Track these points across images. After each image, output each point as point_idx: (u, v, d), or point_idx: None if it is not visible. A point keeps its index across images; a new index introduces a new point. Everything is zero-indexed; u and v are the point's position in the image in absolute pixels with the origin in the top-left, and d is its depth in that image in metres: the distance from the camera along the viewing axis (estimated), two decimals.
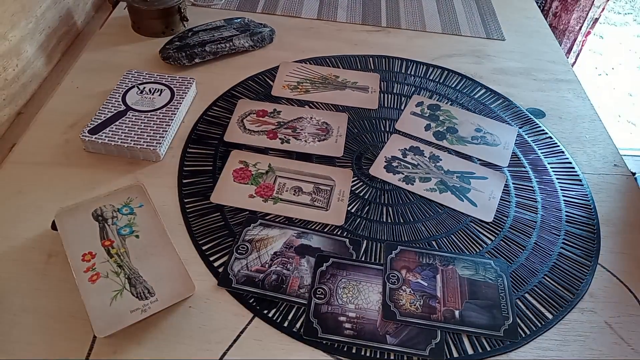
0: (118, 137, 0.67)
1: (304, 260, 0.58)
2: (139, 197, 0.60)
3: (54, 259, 0.56)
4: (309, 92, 0.81)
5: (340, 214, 0.64)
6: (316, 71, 0.86)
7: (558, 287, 0.58)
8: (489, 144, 0.75)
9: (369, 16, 1.01)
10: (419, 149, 0.73)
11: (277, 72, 0.85)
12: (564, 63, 0.93)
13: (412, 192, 0.67)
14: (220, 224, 0.62)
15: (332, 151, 0.72)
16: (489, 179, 0.70)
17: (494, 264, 0.60)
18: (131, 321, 0.49)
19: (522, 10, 1.08)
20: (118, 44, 0.88)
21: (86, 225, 0.56)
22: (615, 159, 0.75)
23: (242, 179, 0.67)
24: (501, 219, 0.65)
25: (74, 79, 0.80)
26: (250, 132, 0.73)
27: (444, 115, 0.79)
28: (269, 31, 0.91)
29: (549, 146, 0.76)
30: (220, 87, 0.81)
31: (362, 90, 0.83)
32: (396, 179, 0.69)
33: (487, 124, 0.78)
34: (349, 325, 0.53)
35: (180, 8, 0.89)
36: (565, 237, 0.64)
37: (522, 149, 0.76)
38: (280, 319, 0.53)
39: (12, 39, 0.75)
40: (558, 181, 0.71)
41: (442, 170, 0.70)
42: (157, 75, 0.78)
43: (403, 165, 0.69)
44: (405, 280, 0.57)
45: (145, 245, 0.55)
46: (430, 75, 0.87)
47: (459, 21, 1.02)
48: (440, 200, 0.67)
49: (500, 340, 0.53)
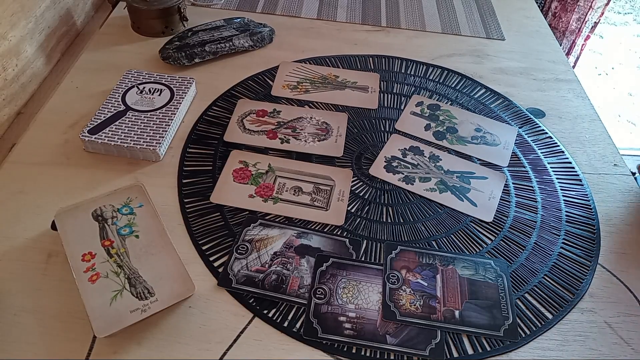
0: (118, 137, 0.67)
1: (304, 260, 0.58)
2: (138, 197, 0.60)
3: (54, 259, 0.56)
4: (308, 92, 0.81)
5: (340, 214, 0.64)
6: (316, 71, 0.86)
7: (558, 287, 0.58)
8: (488, 144, 0.75)
9: (368, 16, 1.01)
10: (419, 148, 0.73)
11: (277, 72, 0.85)
12: (564, 63, 0.93)
13: (412, 192, 0.67)
14: (220, 224, 0.62)
15: (332, 151, 0.72)
16: (489, 179, 0.70)
17: (494, 264, 0.60)
18: (131, 321, 0.49)
19: (522, 10, 1.08)
20: (118, 43, 0.88)
21: (86, 225, 0.56)
22: (615, 159, 0.75)
23: (242, 179, 0.67)
24: (501, 219, 0.65)
25: (73, 78, 0.80)
26: (250, 132, 0.73)
27: (443, 115, 0.79)
28: (268, 31, 0.91)
29: (548, 146, 0.76)
30: (220, 87, 0.81)
31: (362, 90, 0.83)
32: (396, 178, 0.69)
33: (487, 124, 0.78)
34: (349, 325, 0.53)
35: (180, 8, 0.89)
36: (565, 237, 0.64)
37: (522, 148, 0.76)
38: (280, 319, 0.53)
39: (11, 38, 0.75)
40: (558, 181, 0.71)
41: (442, 170, 0.70)
42: (156, 75, 0.78)
43: (403, 165, 0.69)
44: (405, 280, 0.57)
45: (145, 245, 0.55)
46: (430, 75, 0.87)
47: (458, 21, 1.02)
48: (440, 200, 0.67)
49: (500, 340, 0.53)
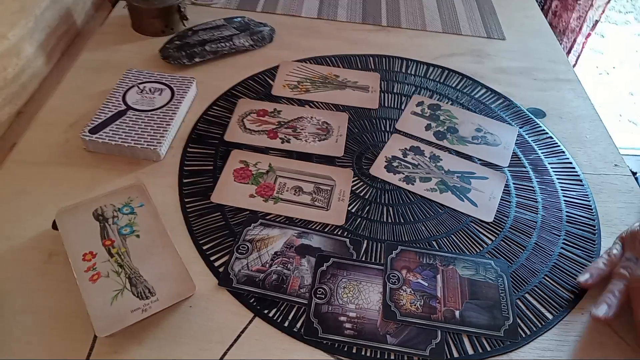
0: (118, 136, 0.67)
1: (305, 260, 0.58)
2: (139, 197, 0.60)
3: (55, 258, 0.56)
4: (309, 92, 0.81)
5: (340, 214, 0.64)
6: (316, 70, 0.86)
7: (558, 287, 0.58)
8: (489, 144, 0.75)
9: (369, 15, 1.01)
10: (419, 148, 0.73)
11: (277, 71, 0.85)
12: (565, 62, 0.92)
13: (413, 192, 0.67)
14: (221, 224, 0.62)
15: (332, 151, 0.72)
16: (490, 179, 0.70)
17: (494, 264, 0.60)
18: (132, 321, 0.49)
19: (523, 9, 1.08)
20: (118, 43, 0.88)
21: (87, 224, 0.56)
22: (615, 159, 0.75)
23: (243, 179, 0.67)
24: (501, 219, 0.65)
25: (74, 78, 0.80)
26: (251, 132, 0.73)
27: (444, 115, 0.79)
28: (269, 30, 0.91)
29: (549, 146, 0.76)
30: (220, 87, 0.81)
31: (362, 89, 0.83)
32: (397, 179, 0.69)
33: (487, 124, 0.78)
34: (349, 325, 0.53)
35: (180, 7, 0.89)
36: (565, 237, 0.64)
37: (522, 149, 0.76)
38: (280, 318, 0.53)
39: (11, 38, 0.75)
40: (558, 181, 0.71)
41: (443, 170, 0.70)
42: (157, 75, 0.78)
43: (404, 165, 0.69)
44: (405, 280, 0.57)
45: (146, 245, 0.55)
46: (430, 74, 0.87)
47: (459, 20, 1.02)
48: (440, 200, 0.67)
49: (501, 341, 0.53)
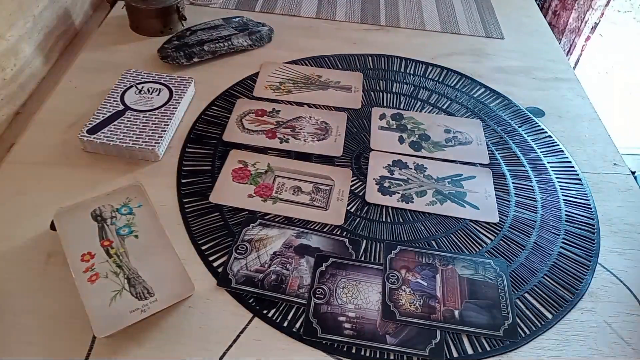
0: (117, 137, 0.67)
1: (304, 260, 0.58)
2: (137, 197, 0.59)
3: (54, 259, 0.56)
4: (291, 93, 0.81)
5: (339, 214, 0.64)
6: (299, 71, 0.85)
7: (558, 287, 0.58)
8: (463, 143, 0.75)
9: (368, 15, 1.01)
10: (402, 161, 0.71)
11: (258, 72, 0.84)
12: (564, 62, 0.92)
13: (415, 211, 0.65)
14: (220, 224, 0.61)
15: (331, 151, 0.72)
16: (478, 177, 0.70)
17: (493, 263, 0.60)
18: (131, 321, 0.49)
19: (522, 9, 1.08)
20: (116, 43, 0.88)
21: (85, 225, 0.56)
22: (614, 158, 0.75)
23: (241, 179, 0.67)
24: (501, 219, 0.65)
25: (72, 78, 0.80)
26: (249, 132, 0.73)
27: (410, 123, 0.77)
28: (267, 30, 0.91)
29: (548, 145, 0.76)
30: (218, 87, 0.81)
31: (345, 89, 0.82)
32: (394, 200, 0.66)
33: (452, 123, 0.78)
34: (348, 325, 0.53)
35: (179, 7, 0.89)
36: (565, 236, 0.64)
37: (521, 148, 0.75)
38: (280, 319, 0.53)
39: (10, 38, 0.74)
40: (558, 180, 0.71)
41: (432, 178, 0.69)
42: (155, 75, 0.77)
43: (395, 184, 0.68)
44: (404, 280, 0.57)
45: (145, 246, 0.55)
46: (429, 74, 0.87)
47: (458, 20, 1.02)
48: (443, 212, 0.65)
49: (500, 340, 0.53)
